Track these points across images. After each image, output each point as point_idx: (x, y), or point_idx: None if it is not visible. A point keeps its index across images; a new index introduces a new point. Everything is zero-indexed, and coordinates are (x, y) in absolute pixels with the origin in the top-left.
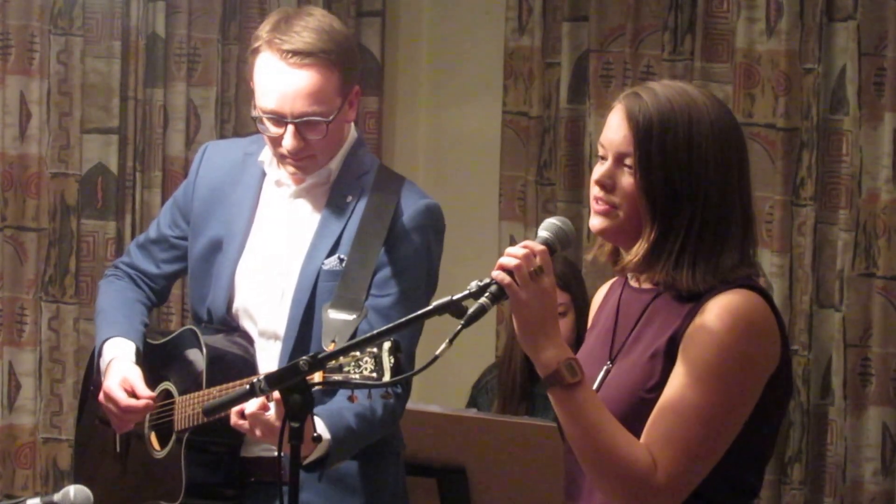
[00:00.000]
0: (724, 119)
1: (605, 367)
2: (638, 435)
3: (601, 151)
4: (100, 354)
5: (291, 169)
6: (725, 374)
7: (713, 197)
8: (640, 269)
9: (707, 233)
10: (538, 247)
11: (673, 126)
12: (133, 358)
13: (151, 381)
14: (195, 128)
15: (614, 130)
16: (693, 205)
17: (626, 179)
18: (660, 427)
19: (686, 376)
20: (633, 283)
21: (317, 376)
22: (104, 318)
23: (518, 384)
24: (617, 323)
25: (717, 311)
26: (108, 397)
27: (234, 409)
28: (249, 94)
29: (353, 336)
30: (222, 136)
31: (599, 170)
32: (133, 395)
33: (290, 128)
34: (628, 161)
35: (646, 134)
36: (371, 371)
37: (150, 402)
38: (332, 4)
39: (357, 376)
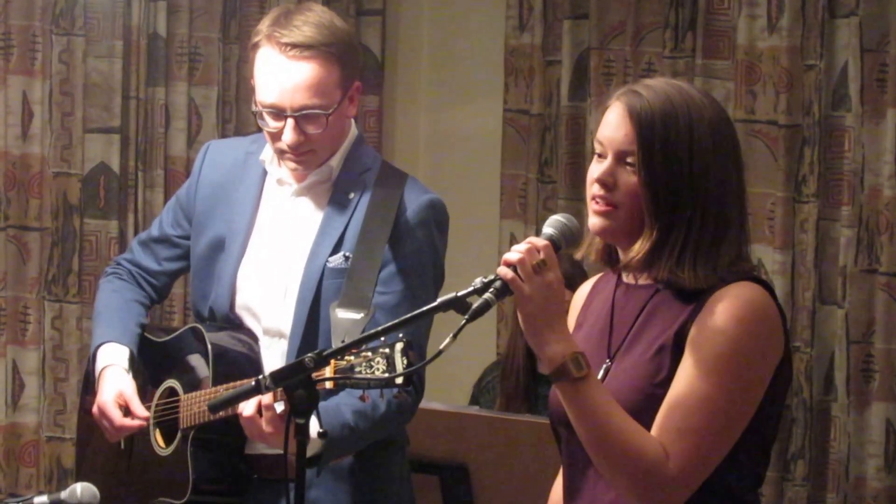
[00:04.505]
0: (720, 116)
1: (604, 366)
2: (647, 430)
3: (599, 149)
4: (94, 360)
5: (292, 164)
6: (735, 365)
7: (713, 194)
8: (641, 267)
9: (707, 230)
10: (541, 242)
11: (674, 123)
12: (126, 365)
13: (155, 379)
14: (197, 127)
15: (615, 128)
16: (694, 202)
17: (628, 178)
18: (671, 419)
19: (696, 368)
20: (628, 279)
21: (327, 375)
22: (100, 322)
23: (521, 384)
24: (613, 320)
25: (726, 303)
26: (103, 414)
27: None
28: (251, 91)
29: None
30: (224, 136)
31: (599, 168)
32: (127, 410)
33: (290, 121)
34: (630, 159)
35: (649, 131)
36: (383, 371)
37: (144, 423)
38: (331, 2)
39: (369, 376)
